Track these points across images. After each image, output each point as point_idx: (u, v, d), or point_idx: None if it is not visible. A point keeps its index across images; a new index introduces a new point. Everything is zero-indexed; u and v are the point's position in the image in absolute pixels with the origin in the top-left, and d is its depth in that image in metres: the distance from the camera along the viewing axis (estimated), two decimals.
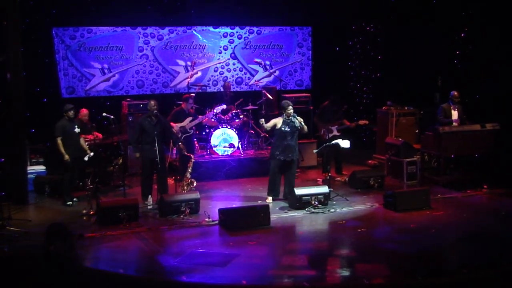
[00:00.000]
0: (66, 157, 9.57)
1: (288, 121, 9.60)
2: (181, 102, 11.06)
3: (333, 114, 11.56)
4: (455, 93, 11.12)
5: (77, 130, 9.74)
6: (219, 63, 14.01)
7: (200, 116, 11.18)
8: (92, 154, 9.81)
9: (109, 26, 13.02)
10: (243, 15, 13.87)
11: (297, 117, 9.62)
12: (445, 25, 12.94)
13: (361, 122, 11.77)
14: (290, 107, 9.61)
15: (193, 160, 10.37)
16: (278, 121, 9.64)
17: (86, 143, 10.07)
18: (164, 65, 13.57)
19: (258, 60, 14.05)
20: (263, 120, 9.72)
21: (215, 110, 11.48)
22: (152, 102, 9.67)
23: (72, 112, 9.71)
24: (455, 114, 11.17)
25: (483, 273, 6.86)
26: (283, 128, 9.58)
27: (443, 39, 13.02)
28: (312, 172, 12.01)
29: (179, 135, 10.54)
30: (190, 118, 10.85)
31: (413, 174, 11.14)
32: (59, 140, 9.60)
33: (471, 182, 10.59)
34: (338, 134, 11.37)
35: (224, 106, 11.63)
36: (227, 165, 11.63)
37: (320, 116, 11.70)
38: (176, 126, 10.62)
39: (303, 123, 9.65)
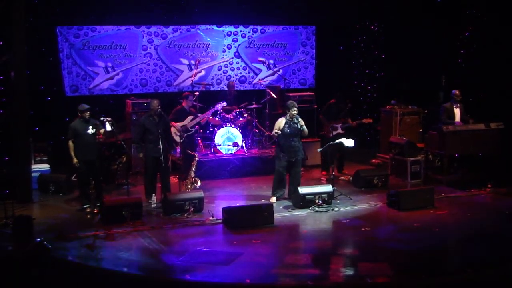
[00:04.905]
0: (75, 160, 9.30)
1: (291, 122, 9.58)
2: (182, 100, 11.06)
3: (338, 112, 11.54)
4: (457, 92, 11.11)
5: (90, 131, 9.30)
6: (223, 62, 13.99)
7: (201, 115, 11.17)
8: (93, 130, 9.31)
9: (113, 25, 13.02)
10: (247, 14, 13.84)
11: (300, 119, 9.62)
12: (449, 24, 12.91)
13: (365, 120, 11.72)
14: (295, 108, 9.56)
15: (197, 158, 10.37)
16: (281, 123, 9.61)
17: None
18: (167, 64, 13.57)
19: (261, 59, 14.04)
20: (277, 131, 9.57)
21: (215, 108, 11.44)
22: (156, 102, 9.65)
23: (87, 113, 9.28)
24: (457, 113, 11.15)
25: (487, 272, 6.84)
26: (285, 129, 9.57)
27: (447, 38, 12.99)
28: (316, 171, 11.98)
29: (182, 134, 10.50)
30: (191, 117, 10.84)
31: (417, 173, 11.11)
32: (69, 143, 9.30)
33: (475, 182, 10.56)
34: (343, 132, 11.34)
35: (225, 104, 11.57)
36: (231, 164, 11.63)
37: (325, 113, 11.68)
38: (177, 125, 10.61)
39: (304, 127, 9.64)
